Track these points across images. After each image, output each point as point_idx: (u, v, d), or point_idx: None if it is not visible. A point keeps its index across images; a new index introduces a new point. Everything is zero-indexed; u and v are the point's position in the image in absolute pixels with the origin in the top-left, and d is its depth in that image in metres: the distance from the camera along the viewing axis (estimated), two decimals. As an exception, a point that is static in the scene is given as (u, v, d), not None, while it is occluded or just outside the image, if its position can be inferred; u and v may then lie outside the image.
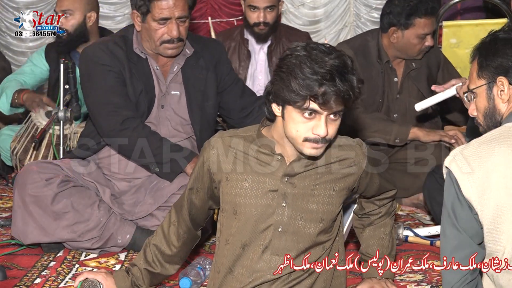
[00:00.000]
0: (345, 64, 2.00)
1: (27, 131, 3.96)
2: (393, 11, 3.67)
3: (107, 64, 3.04)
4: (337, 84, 1.96)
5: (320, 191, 2.16)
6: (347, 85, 1.98)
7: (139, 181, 3.15)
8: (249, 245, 2.16)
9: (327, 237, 2.20)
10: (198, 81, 3.16)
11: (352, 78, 2.00)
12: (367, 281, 2.39)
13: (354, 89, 2.00)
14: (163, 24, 3.00)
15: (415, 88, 3.83)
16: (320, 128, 2.01)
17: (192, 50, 3.16)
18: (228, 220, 2.20)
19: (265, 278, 2.15)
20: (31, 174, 2.98)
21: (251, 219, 2.15)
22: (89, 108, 3.14)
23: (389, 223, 2.41)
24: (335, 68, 1.97)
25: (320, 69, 1.96)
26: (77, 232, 2.95)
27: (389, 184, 2.35)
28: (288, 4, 6.38)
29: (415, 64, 3.80)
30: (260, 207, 2.15)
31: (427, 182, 3.17)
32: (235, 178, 2.17)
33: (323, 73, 1.96)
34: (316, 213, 2.16)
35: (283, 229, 2.15)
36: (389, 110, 3.83)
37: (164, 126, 3.13)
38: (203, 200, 2.29)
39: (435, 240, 3.01)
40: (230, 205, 2.19)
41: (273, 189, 2.14)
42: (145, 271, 2.38)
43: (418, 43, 3.67)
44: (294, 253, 2.15)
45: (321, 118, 2.01)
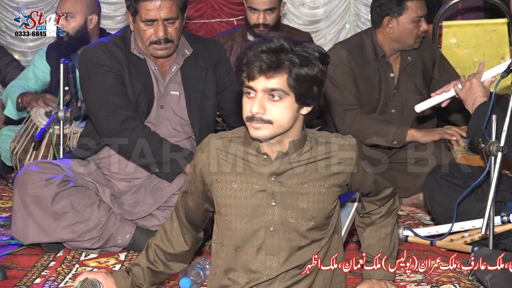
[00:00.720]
0: (281, 46, 2.04)
1: (27, 131, 3.96)
2: (383, 2, 3.73)
3: (107, 65, 3.04)
4: (262, 57, 2.02)
5: (310, 188, 2.16)
6: (274, 59, 2.01)
7: (139, 181, 3.15)
8: (243, 246, 2.17)
9: (321, 235, 2.20)
10: (197, 81, 3.16)
11: (288, 57, 2.02)
12: (367, 281, 2.39)
13: (283, 65, 2.02)
14: (150, 25, 3.00)
15: (411, 83, 3.85)
16: (254, 106, 2.05)
17: (191, 50, 3.16)
18: (222, 222, 2.22)
19: (262, 278, 2.15)
20: (31, 174, 2.97)
21: (242, 220, 2.17)
22: (89, 109, 3.13)
23: (390, 223, 2.39)
24: (265, 47, 2.03)
25: (253, 50, 2.04)
26: (77, 232, 2.95)
27: (386, 181, 2.32)
28: (288, 4, 6.38)
29: (411, 58, 3.82)
30: (250, 207, 2.16)
31: (427, 182, 3.17)
32: (225, 179, 2.19)
33: (253, 52, 2.04)
34: (307, 211, 2.16)
35: (274, 228, 2.16)
36: (387, 105, 3.84)
37: (163, 126, 3.13)
38: (197, 203, 2.31)
39: (435, 240, 3.01)
40: (222, 207, 2.20)
41: (262, 189, 2.16)
42: (148, 270, 2.38)
43: (414, 27, 3.71)
44: (288, 251, 2.15)
45: (257, 96, 2.05)
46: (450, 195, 3.04)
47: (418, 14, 3.69)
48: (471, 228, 2.96)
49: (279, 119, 2.07)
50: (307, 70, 2.04)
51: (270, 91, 2.05)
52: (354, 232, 2.51)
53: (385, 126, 3.71)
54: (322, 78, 2.09)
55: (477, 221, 2.92)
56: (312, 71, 2.05)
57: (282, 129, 2.09)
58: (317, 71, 2.06)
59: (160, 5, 2.96)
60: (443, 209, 3.08)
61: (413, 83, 3.84)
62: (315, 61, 2.06)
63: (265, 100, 2.06)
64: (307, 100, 2.08)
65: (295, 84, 2.04)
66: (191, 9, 6.20)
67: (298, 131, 2.15)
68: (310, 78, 2.05)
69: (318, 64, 2.06)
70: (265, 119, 2.06)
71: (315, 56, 2.06)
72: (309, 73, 2.04)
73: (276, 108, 2.06)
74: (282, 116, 2.07)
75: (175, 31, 3.03)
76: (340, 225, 2.31)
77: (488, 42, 4.64)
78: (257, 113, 2.05)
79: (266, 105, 2.06)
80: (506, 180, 3.06)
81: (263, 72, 2.03)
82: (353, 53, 3.78)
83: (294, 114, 2.09)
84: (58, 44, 4.14)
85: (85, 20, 4.05)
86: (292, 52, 2.04)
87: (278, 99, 2.06)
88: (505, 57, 4.59)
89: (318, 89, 2.09)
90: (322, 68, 2.07)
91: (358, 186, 2.27)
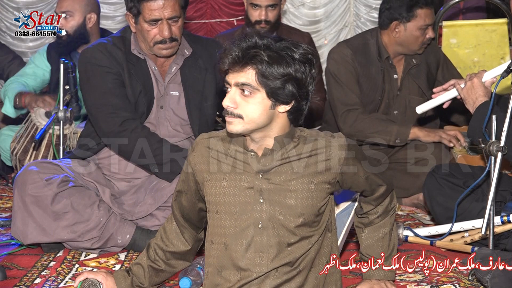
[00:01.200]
0: (253, 42, 2.09)
1: (27, 131, 3.96)
2: (393, 6, 3.71)
3: (106, 66, 3.04)
4: (232, 52, 2.08)
5: (298, 185, 2.18)
6: (241, 54, 2.06)
7: (139, 181, 3.16)
8: (232, 244, 2.19)
9: (311, 232, 2.21)
10: (196, 81, 3.16)
11: (256, 53, 2.06)
12: (367, 281, 2.39)
13: (251, 61, 2.06)
14: (154, 25, 3.00)
15: (415, 85, 3.84)
16: (225, 99, 2.11)
17: (190, 50, 3.16)
18: (212, 220, 2.24)
19: (252, 276, 2.17)
20: (31, 174, 2.97)
21: (231, 217, 2.19)
22: (88, 110, 3.13)
23: (388, 223, 2.39)
24: (238, 43, 2.10)
25: (229, 46, 2.12)
26: (77, 232, 2.95)
27: (379, 179, 2.31)
28: (288, 4, 6.37)
29: (415, 60, 3.82)
30: (239, 204, 2.18)
31: (427, 182, 3.17)
32: (215, 178, 2.21)
33: (228, 47, 2.12)
34: (295, 207, 2.17)
35: (263, 225, 2.17)
36: (389, 107, 3.84)
37: (163, 127, 3.13)
38: (191, 202, 2.33)
39: (435, 240, 3.01)
40: (212, 205, 2.23)
41: (249, 186, 2.18)
42: (149, 268, 2.40)
43: (421, 35, 3.71)
44: (277, 248, 2.16)
45: (231, 90, 2.11)
46: (450, 195, 3.04)
47: (426, 23, 3.69)
48: (471, 228, 2.96)
49: (249, 114, 2.10)
50: (277, 68, 2.06)
51: (241, 85, 2.09)
52: (354, 232, 2.50)
53: (388, 125, 3.70)
54: (301, 77, 2.10)
55: (477, 221, 2.92)
56: (284, 69, 2.06)
57: (254, 124, 2.11)
58: (292, 70, 2.07)
59: (163, 4, 2.96)
60: (443, 209, 3.08)
61: (417, 85, 3.84)
62: (291, 59, 2.07)
63: (238, 95, 2.11)
64: (280, 97, 2.10)
65: (264, 80, 2.07)
66: (191, 9, 6.19)
67: (280, 128, 2.16)
68: (281, 75, 2.06)
69: (294, 64, 2.08)
70: (236, 114, 2.11)
71: (293, 55, 2.08)
72: (280, 71, 2.06)
73: (247, 103, 2.10)
74: (253, 111, 2.10)
75: (179, 30, 3.04)
76: (334, 223, 2.31)
77: (488, 42, 4.64)
78: (228, 107, 2.11)
79: (238, 99, 2.11)
80: (506, 180, 3.05)
81: (231, 66, 2.08)
82: (357, 53, 3.78)
83: (267, 110, 2.11)
84: (58, 43, 4.14)
85: (83, 19, 4.05)
86: (265, 49, 2.07)
87: (249, 94, 2.09)
88: (505, 57, 4.58)
89: (295, 88, 2.10)
90: (300, 68, 2.09)
91: (350, 184, 2.27)
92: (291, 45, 2.10)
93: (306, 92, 2.13)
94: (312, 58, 2.12)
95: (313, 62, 2.13)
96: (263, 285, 2.17)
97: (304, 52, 2.10)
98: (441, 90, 3.17)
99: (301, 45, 2.12)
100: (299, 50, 2.10)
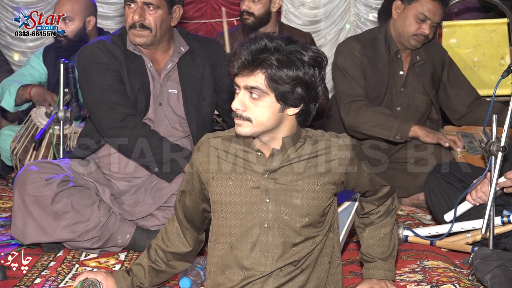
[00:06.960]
0: (263, 46, 2.06)
1: (27, 131, 3.96)
2: None
3: (105, 63, 3.04)
4: (241, 55, 2.05)
5: (304, 186, 2.17)
6: (250, 58, 2.04)
7: (139, 181, 3.16)
8: (238, 243, 2.18)
9: (316, 232, 2.21)
10: (194, 79, 3.16)
11: (266, 57, 2.04)
12: (367, 281, 2.39)
13: (260, 64, 2.04)
14: (130, 7, 3.01)
15: (419, 84, 3.85)
16: (235, 102, 2.10)
17: (187, 47, 3.16)
18: (217, 219, 2.23)
19: (256, 275, 2.17)
20: (31, 174, 2.97)
21: (237, 217, 2.18)
22: (88, 107, 3.14)
23: (389, 223, 2.39)
24: (248, 46, 2.07)
25: (239, 48, 2.09)
26: (77, 232, 2.95)
27: (383, 180, 2.32)
28: (288, 4, 6.38)
29: (419, 57, 3.83)
30: (245, 204, 2.18)
31: (428, 181, 3.17)
32: (220, 177, 2.21)
33: (238, 50, 2.08)
34: (301, 208, 2.17)
35: (268, 225, 2.17)
36: (393, 102, 3.84)
37: (162, 124, 3.13)
38: (195, 202, 2.33)
39: (435, 240, 3.01)
40: (217, 205, 2.22)
41: (256, 186, 2.17)
42: (150, 268, 2.39)
43: (415, 23, 3.71)
44: (282, 248, 2.16)
45: (240, 92, 2.10)
46: (450, 195, 3.04)
47: (425, 13, 3.68)
48: (471, 228, 2.96)
49: (258, 117, 2.09)
50: (286, 72, 2.04)
51: (250, 88, 2.08)
52: (354, 232, 2.50)
53: (389, 120, 3.70)
54: (310, 80, 2.08)
55: (477, 221, 2.92)
56: (294, 72, 2.05)
57: (263, 127, 2.11)
58: (302, 73, 2.06)
59: None
60: (444, 208, 3.08)
61: (421, 83, 3.84)
62: (300, 63, 2.06)
63: (247, 97, 2.10)
64: (288, 101, 2.09)
65: (273, 84, 2.06)
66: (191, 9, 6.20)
67: (289, 129, 2.16)
68: (290, 79, 2.05)
69: (303, 67, 2.06)
70: (244, 116, 2.10)
71: (302, 59, 2.06)
72: (290, 75, 2.05)
73: (256, 107, 2.09)
74: (262, 114, 2.09)
75: (155, 20, 3.03)
76: (336, 224, 2.31)
77: (488, 42, 4.64)
78: (237, 109, 2.10)
79: (247, 102, 2.10)
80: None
81: (240, 69, 2.07)
82: (365, 47, 3.79)
83: (276, 113, 2.10)
84: (57, 47, 4.13)
85: (83, 23, 4.05)
86: (275, 52, 2.05)
87: (257, 98, 2.08)
88: (505, 57, 4.59)
89: (304, 91, 2.09)
90: (309, 71, 2.07)
91: (354, 184, 2.28)
92: (301, 48, 2.08)
93: (315, 94, 2.13)
94: (321, 60, 2.11)
95: (323, 65, 2.11)
96: (266, 284, 2.17)
97: (314, 55, 2.09)
98: (475, 201, 2.97)
99: (310, 47, 2.10)
100: (308, 53, 2.08)
